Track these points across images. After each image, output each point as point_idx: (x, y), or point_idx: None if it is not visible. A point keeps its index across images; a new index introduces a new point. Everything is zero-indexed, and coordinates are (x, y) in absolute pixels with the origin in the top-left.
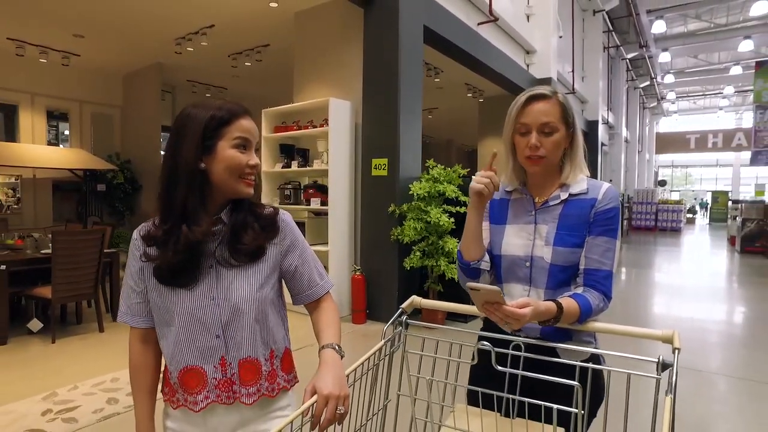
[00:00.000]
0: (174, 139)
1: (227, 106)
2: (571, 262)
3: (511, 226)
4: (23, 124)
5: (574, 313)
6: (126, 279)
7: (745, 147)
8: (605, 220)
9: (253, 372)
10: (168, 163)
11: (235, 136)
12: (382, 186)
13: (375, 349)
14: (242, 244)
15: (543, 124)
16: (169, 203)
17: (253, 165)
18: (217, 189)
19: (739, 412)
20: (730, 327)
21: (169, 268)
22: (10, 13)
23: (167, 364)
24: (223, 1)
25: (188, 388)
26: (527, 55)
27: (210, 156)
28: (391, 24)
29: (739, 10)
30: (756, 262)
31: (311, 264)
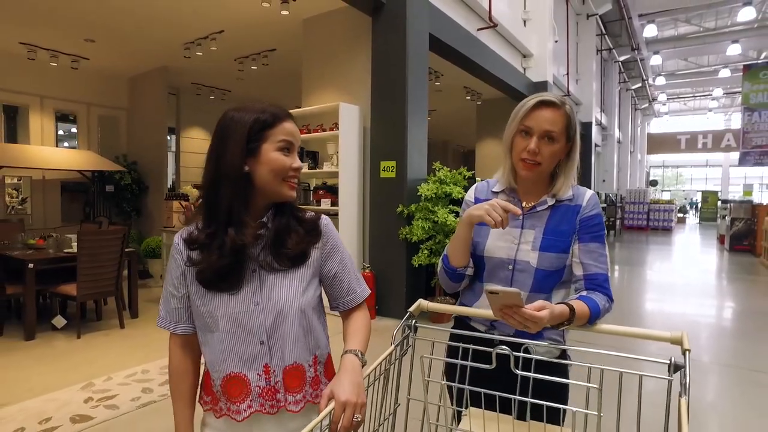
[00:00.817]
0: (218, 142)
1: (270, 109)
2: (556, 267)
3: (496, 229)
4: (33, 126)
5: (584, 316)
6: (166, 284)
7: (733, 148)
8: (593, 226)
9: (298, 378)
10: (212, 167)
11: (279, 139)
12: (391, 187)
13: (386, 354)
14: (286, 248)
15: (546, 131)
16: (214, 207)
17: (296, 168)
18: (261, 192)
19: (728, 397)
20: (719, 321)
21: (213, 272)
22: (24, 18)
23: (210, 371)
24: (234, 8)
25: (231, 396)
26: (524, 59)
27: (254, 159)
28: (398, 32)
29: (727, 15)
30: (744, 259)
31: (350, 270)
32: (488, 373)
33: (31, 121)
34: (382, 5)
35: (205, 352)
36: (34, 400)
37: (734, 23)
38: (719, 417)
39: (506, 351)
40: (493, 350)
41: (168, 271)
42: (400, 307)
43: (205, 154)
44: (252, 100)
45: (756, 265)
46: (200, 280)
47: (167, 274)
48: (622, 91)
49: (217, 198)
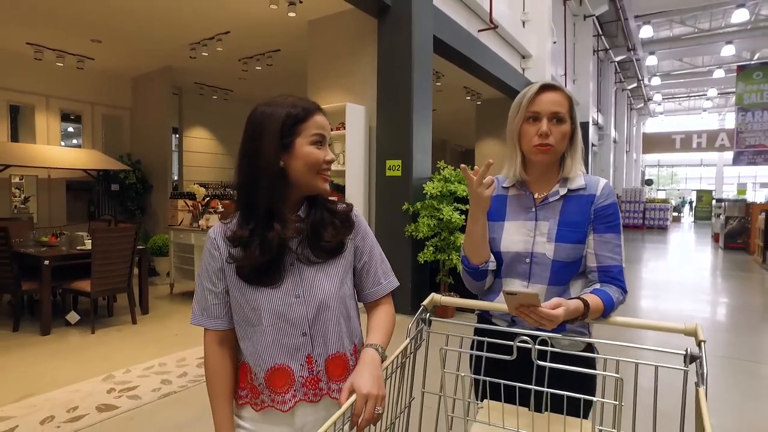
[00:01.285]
0: (251, 139)
1: (301, 103)
2: (573, 258)
3: (511, 223)
4: (39, 125)
5: (598, 309)
6: (201, 280)
7: (727, 147)
8: (607, 216)
9: (342, 367)
10: (247, 164)
11: (312, 132)
12: (396, 186)
13: (401, 347)
14: (324, 241)
15: (554, 113)
16: (252, 203)
17: (330, 160)
18: (295, 186)
19: (724, 385)
20: (714, 316)
21: (255, 268)
22: (32, 19)
23: (250, 365)
24: (240, 10)
25: (276, 387)
26: (523, 60)
27: (288, 154)
28: (404, 34)
29: (721, 16)
30: (738, 257)
31: (378, 261)
32: (508, 366)
33: (37, 120)
34: (387, 8)
35: (245, 346)
36: (58, 390)
37: (728, 24)
38: (716, 402)
39: (528, 344)
40: (514, 343)
41: (203, 267)
42: (406, 303)
43: (239, 151)
44: (281, 95)
45: (749, 263)
46: (242, 275)
47: (202, 270)
48: (618, 91)
49: (255, 195)
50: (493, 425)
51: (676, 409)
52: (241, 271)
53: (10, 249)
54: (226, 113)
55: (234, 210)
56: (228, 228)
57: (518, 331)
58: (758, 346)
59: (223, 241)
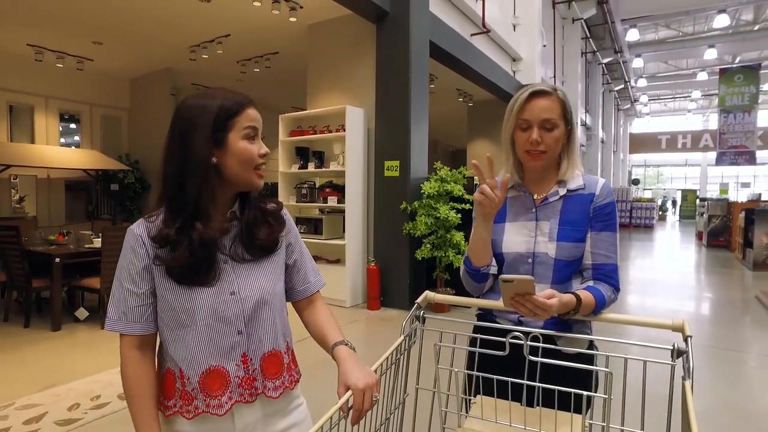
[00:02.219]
0: (180, 133)
1: (233, 96)
2: (575, 256)
3: (511, 224)
4: (38, 125)
5: (590, 305)
6: (120, 281)
7: (711, 147)
8: (605, 215)
9: (277, 365)
10: (176, 159)
11: (244, 126)
12: (395, 186)
13: (395, 345)
14: (258, 239)
15: (544, 120)
16: (179, 201)
17: (264, 154)
18: (229, 183)
19: (706, 372)
20: (698, 309)
21: (184, 268)
22: (34, 21)
23: (183, 369)
24: (242, 14)
25: (211, 391)
26: (514, 63)
27: (221, 149)
28: (402, 39)
29: (704, 21)
30: (720, 254)
31: (307, 259)
32: (503, 362)
33: (37, 121)
34: (386, 14)
35: (174, 350)
36: (79, 381)
37: (710, 29)
38: (700, 387)
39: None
40: (506, 339)
41: (123, 267)
42: (404, 298)
43: (166, 146)
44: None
45: (731, 260)
46: (173, 276)
47: (121, 270)
48: (605, 93)
49: (182, 191)
50: (485, 420)
51: (664, 402)
52: (171, 272)
53: (21, 248)
54: None
55: (157, 206)
56: (154, 226)
57: (516, 328)
58: (739, 336)
59: (149, 240)
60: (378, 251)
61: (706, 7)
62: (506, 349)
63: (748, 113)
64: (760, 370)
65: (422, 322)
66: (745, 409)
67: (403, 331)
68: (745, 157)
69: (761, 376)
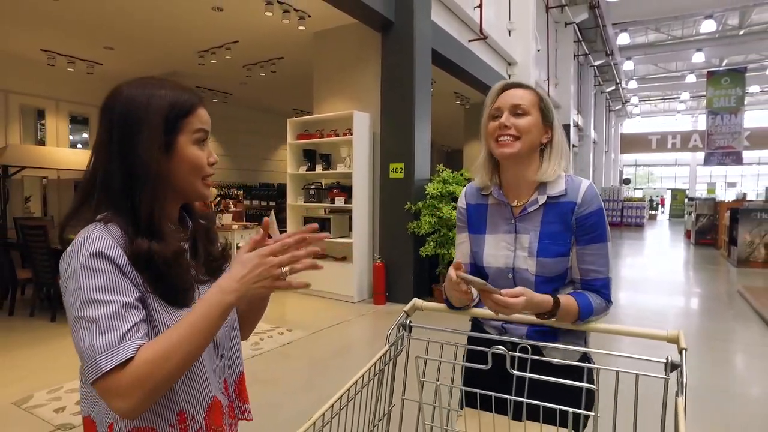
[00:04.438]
0: (122, 131)
1: (183, 92)
2: (557, 272)
3: (491, 236)
4: (49, 127)
5: (571, 311)
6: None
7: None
8: (590, 226)
9: (245, 387)
10: (117, 166)
11: (196, 128)
12: (399, 187)
13: (380, 354)
14: (214, 259)
15: (514, 106)
16: (127, 216)
17: (213, 162)
18: (174, 193)
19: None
20: (686, 303)
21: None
22: (48, 27)
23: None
24: (251, 21)
25: (216, 426)
26: (509, 67)
27: (168, 154)
28: (406, 47)
29: (692, 25)
30: (707, 252)
31: None
32: (490, 375)
33: (48, 123)
34: (391, 23)
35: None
36: None
37: (698, 33)
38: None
39: (502, 351)
40: (489, 350)
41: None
42: (408, 293)
43: (99, 144)
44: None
45: (717, 257)
46: (164, 298)
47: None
48: (597, 94)
49: (134, 203)
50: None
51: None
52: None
53: (48, 246)
54: (225, 115)
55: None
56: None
57: (502, 338)
58: (722, 328)
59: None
60: (383, 249)
61: (694, 12)
62: (488, 363)
63: (735, 115)
64: (741, 357)
65: (409, 330)
66: (729, 389)
67: (388, 339)
68: (732, 158)
69: (743, 362)
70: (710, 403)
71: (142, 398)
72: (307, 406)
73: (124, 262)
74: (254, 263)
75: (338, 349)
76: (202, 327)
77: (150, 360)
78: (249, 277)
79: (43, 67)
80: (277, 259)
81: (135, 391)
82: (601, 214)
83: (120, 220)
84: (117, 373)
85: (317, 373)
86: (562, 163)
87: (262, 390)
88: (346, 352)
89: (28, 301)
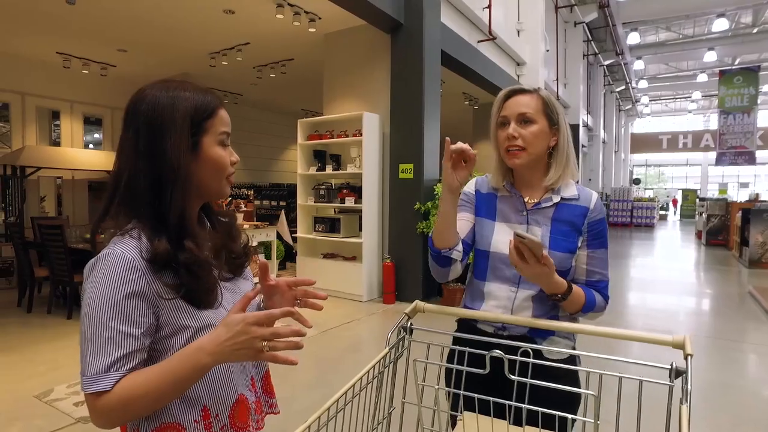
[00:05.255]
0: (149, 133)
1: (206, 94)
2: (563, 267)
3: (501, 224)
4: (64, 129)
5: (579, 300)
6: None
7: (712, 147)
8: (599, 231)
9: (271, 381)
10: (147, 166)
11: (220, 131)
12: (409, 187)
13: (379, 357)
14: (237, 256)
15: (521, 114)
16: (158, 218)
17: (235, 162)
18: (200, 193)
19: (707, 358)
20: (697, 304)
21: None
22: (64, 31)
23: (208, 407)
24: (262, 23)
25: (242, 423)
26: (518, 67)
27: (194, 155)
28: (415, 49)
29: (704, 24)
30: (719, 252)
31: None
32: (487, 378)
33: (62, 124)
34: (400, 25)
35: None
36: None
37: (710, 31)
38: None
39: (499, 354)
40: (487, 354)
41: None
42: (417, 292)
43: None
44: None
45: (728, 258)
46: (188, 301)
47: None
48: (606, 94)
49: (163, 204)
50: None
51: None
52: (189, 296)
53: (65, 245)
54: (236, 116)
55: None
56: (143, 245)
57: (498, 341)
58: (733, 328)
59: (145, 263)
60: (393, 248)
61: (706, 10)
62: (486, 368)
63: (747, 114)
64: (752, 357)
65: (410, 333)
66: (740, 389)
67: (388, 342)
68: (745, 158)
69: (753, 361)
70: (720, 402)
71: (115, 422)
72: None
73: (141, 281)
74: (237, 330)
75: (347, 347)
76: (175, 379)
77: (124, 398)
78: (230, 344)
79: (58, 69)
80: (260, 332)
81: (108, 415)
82: (606, 224)
83: (145, 223)
84: (95, 396)
85: (327, 369)
86: (568, 170)
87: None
88: (356, 350)
89: (45, 298)
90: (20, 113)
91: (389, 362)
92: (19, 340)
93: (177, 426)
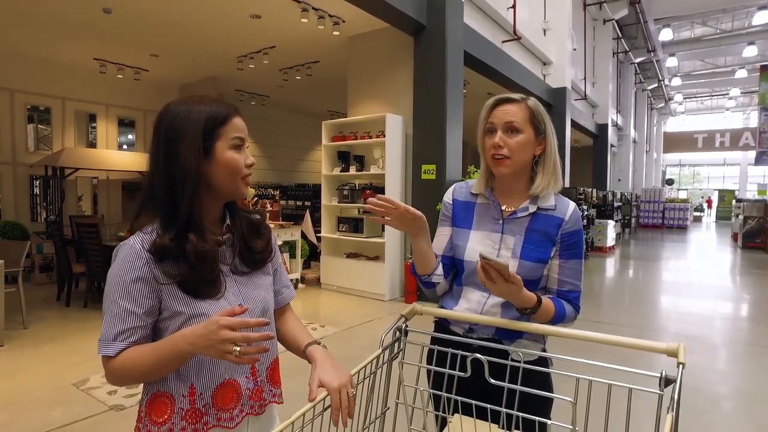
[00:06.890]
0: (167, 141)
1: (220, 105)
2: (534, 276)
3: (476, 232)
4: (99, 131)
5: (549, 312)
6: (116, 300)
7: (752, 146)
8: (574, 242)
9: (278, 372)
10: (163, 169)
11: (232, 136)
12: (431, 188)
13: (371, 357)
14: (256, 251)
15: (507, 123)
16: (171, 213)
17: (250, 164)
18: (217, 193)
19: (744, 370)
20: (734, 308)
21: (192, 280)
22: (100, 38)
23: (194, 386)
24: (288, 27)
25: (223, 404)
26: (544, 67)
27: (208, 159)
28: (438, 51)
29: (744, 17)
30: (756, 256)
31: (283, 268)
32: (470, 380)
33: (98, 126)
34: (423, 27)
35: (185, 366)
36: None
37: (751, 25)
38: (732, 380)
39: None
40: (468, 356)
41: (116, 284)
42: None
43: (150, 154)
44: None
45: (766, 261)
46: (184, 288)
47: (115, 288)
48: (638, 92)
49: (173, 204)
50: None
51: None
52: (185, 286)
53: (100, 243)
54: (263, 117)
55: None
56: (149, 238)
57: (474, 342)
58: None
59: (147, 253)
60: None
61: (745, 3)
62: (468, 371)
63: None
64: None
65: (405, 334)
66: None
67: (381, 343)
68: None
69: None
70: (746, 411)
71: (119, 383)
72: None
73: (146, 268)
74: (212, 329)
75: (367, 345)
76: (160, 359)
77: (122, 367)
78: (203, 341)
79: (95, 74)
80: (230, 335)
81: (113, 376)
82: (582, 235)
83: (160, 220)
84: (105, 360)
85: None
86: (552, 180)
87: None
88: (375, 349)
89: (82, 293)
90: (60, 116)
91: (382, 363)
92: (60, 331)
93: (169, 395)
